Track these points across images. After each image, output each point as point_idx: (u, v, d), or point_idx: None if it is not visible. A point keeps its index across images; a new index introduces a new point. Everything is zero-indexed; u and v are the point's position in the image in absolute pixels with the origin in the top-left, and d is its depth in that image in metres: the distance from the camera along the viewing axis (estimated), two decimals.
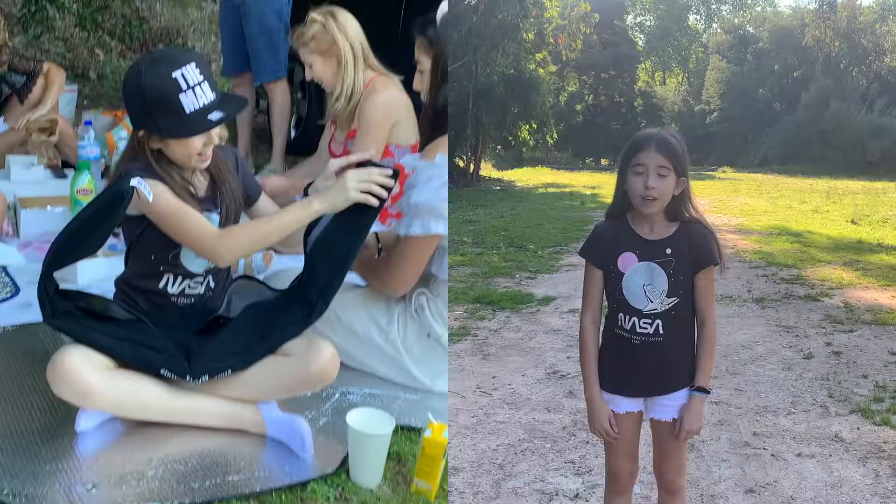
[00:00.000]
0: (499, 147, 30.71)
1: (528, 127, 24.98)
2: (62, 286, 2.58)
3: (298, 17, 4.37)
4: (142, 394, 2.56)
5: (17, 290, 3.67)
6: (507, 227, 11.54)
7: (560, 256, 8.86)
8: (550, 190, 20.02)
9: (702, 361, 2.26)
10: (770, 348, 5.17)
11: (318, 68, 4.16)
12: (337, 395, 2.92)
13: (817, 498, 3.13)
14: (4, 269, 3.88)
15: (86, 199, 4.21)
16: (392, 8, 5.81)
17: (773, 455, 3.52)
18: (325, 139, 4.50)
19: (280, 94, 5.68)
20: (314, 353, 2.62)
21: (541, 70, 24.26)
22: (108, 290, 2.85)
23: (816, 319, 5.92)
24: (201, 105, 2.58)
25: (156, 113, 2.56)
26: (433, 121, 3.03)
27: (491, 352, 5.03)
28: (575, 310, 6.00)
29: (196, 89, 2.57)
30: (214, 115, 2.61)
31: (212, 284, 2.81)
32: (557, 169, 32.79)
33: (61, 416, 2.63)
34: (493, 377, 4.53)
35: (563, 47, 27.64)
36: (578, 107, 41.92)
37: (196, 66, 2.58)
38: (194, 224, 2.63)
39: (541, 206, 15.59)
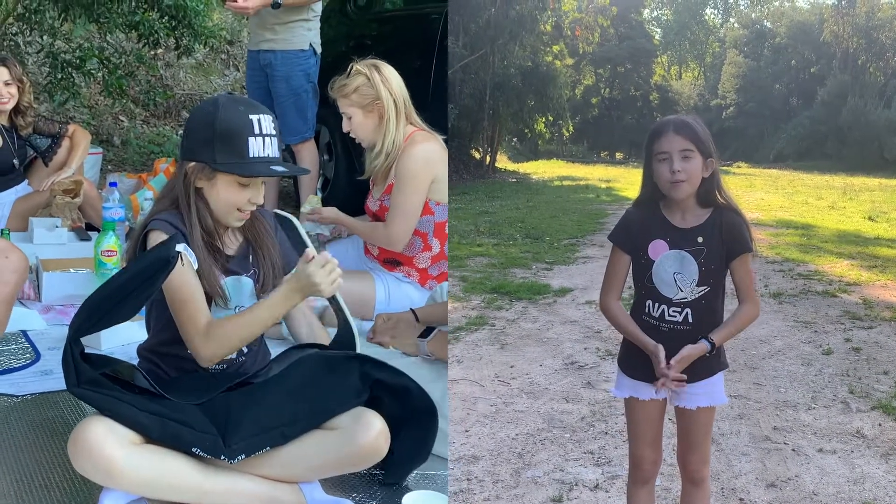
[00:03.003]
0: (514, 139, 30.64)
1: (544, 119, 24.90)
2: (86, 350, 2.37)
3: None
4: (171, 473, 2.32)
5: (37, 357, 3.54)
6: (524, 218, 11.50)
7: (576, 248, 8.83)
8: (566, 183, 19.91)
9: (727, 325, 2.23)
10: (789, 343, 5.14)
11: (357, 121, 4.04)
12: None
13: (840, 493, 3.11)
14: (24, 333, 3.76)
15: (110, 261, 4.17)
16: (422, 70, 5.78)
17: (793, 450, 3.50)
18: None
19: (308, 155, 5.61)
20: (363, 427, 2.37)
21: (557, 62, 24.18)
22: (132, 357, 2.69)
23: (835, 315, 5.88)
24: (265, 155, 2.52)
25: (218, 146, 2.49)
26: None
27: (508, 341, 5.01)
28: (591, 301, 5.98)
29: (265, 139, 2.52)
30: (277, 168, 2.56)
31: (244, 348, 2.65)
32: (572, 162, 32.65)
33: (83, 497, 2.44)
34: (511, 366, 4.51)
35: (580, 40, 27.55)
36: (594, 100, 41.76)
37: (272, 121, 2.55)
38: (193, 307, 2.47)
39: (556, 198, 15.53)
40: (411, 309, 3.41)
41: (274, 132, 2.56)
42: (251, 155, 2.51)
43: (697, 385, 2.24)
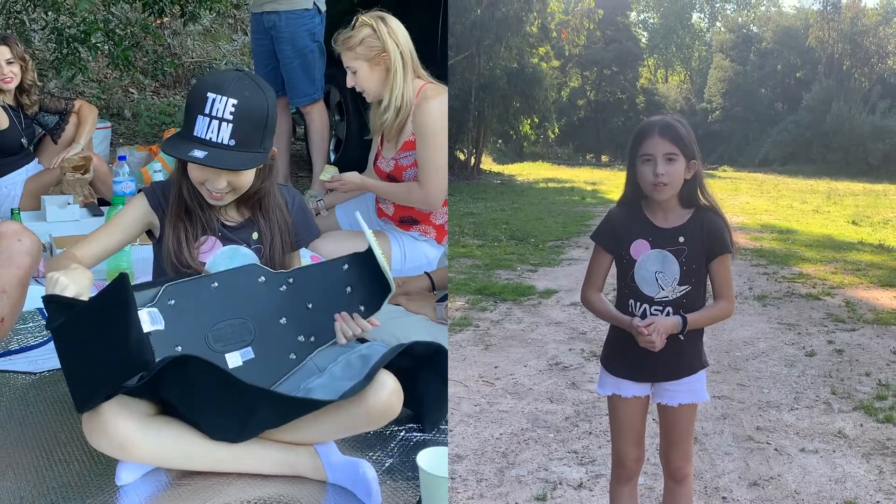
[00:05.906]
0: (500, 141, 30.65)
1: (529, 121, 24.93)
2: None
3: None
4: (185, 442, 2.35)
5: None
6: (508, 220, 11.52)
7: (561, 250, 8.84)
8: (551, 185, 19.95)
9: (703, 311, 2.22)
10: (772, 345, 5.17)
11: (363, 75, 3.93)
12: (402, 433, 2.71)
13: (821, 492, 3.13)
14: (41, 311, 3.76)
15: None
16: (430, 23, 5.73)
17: (776, 449, 3.52)
18: (372, 155, 4.31)
19: (318, 116, 5.54)
20: (374, 387, 2.35)
21: (543, 64, 24.21)
22: None
23: (818, 318, 5.91)
24: (207, 138, 2.45)
25: (184, 118, 2.55)
26: None
27: (493, 342, 5.02)
28: (576, 303, 5.98)
29: (213, 122, 2.45)
30: (198, 153, 2.45)
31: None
32: (558, 164, 32.69)
33: (101, 469, 2.48)
34: (496, 367, 4.52)
35: (566, 42, 27.60)
36: (580, 102, 41.82)
37: (234, 106, 2.45)
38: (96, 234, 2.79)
39: (541, 200, 15.56)
40: (426, 273, 3.36)
41: (230, 118, 2.45)
42: (195, 133, 2.47)
43: (679, 382, 2.25)
